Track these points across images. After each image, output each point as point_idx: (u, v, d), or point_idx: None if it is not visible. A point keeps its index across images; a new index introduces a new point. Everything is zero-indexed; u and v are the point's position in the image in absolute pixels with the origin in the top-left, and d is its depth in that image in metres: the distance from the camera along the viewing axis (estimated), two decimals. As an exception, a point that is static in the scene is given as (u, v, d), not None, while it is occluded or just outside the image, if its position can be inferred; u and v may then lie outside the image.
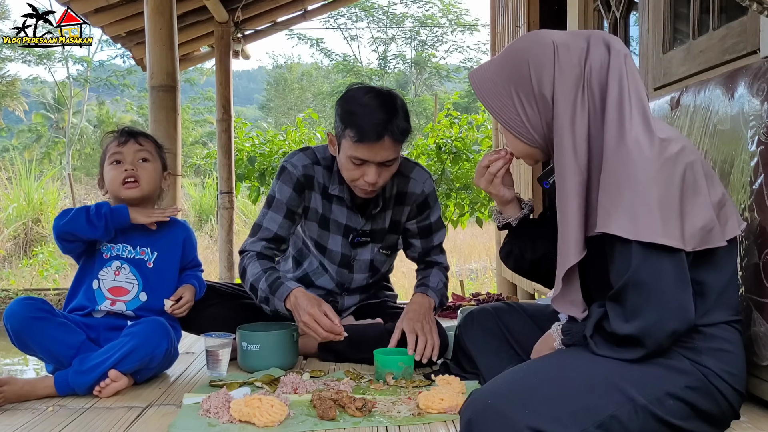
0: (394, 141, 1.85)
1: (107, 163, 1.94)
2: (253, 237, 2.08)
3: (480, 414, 1.15)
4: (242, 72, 50.93)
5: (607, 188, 1.20)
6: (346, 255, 2.14)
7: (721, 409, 1.22)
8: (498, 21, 4.69)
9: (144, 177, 1.93)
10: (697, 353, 1.22)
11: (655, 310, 1.16)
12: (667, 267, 1.16)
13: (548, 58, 1.28)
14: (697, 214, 1.19)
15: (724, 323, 1.25)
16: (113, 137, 1.97)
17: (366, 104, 1.85)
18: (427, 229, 2.16)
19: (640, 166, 1.17)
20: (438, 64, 22.62)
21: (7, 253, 8.83)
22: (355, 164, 1.88)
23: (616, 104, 1.23)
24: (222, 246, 5.68)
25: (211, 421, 1.49)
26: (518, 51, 1.32)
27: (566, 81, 1.27)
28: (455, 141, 6.18)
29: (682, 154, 1.20)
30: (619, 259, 1.20)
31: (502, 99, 1.34)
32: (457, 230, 7.08)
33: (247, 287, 2.04)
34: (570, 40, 1.30)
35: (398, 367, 1.80)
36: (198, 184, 13.88)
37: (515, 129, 1.34)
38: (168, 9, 3.40)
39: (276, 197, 2.06)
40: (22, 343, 1.78)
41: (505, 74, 1.33)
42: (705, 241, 1.20)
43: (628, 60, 1.28)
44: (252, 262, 2.03)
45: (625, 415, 1.15)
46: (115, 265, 1.91)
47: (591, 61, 1.26)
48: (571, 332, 1.34)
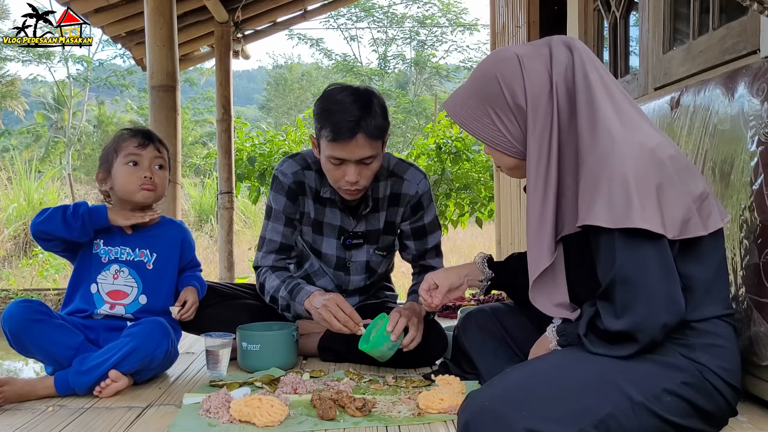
0: (369, 138, 1.83)
1: (122, 162, 1.90)
2: (262, 251, 2.12)
3: (477, 416, 1.15)
4: (242, 72, 50.95)
5: (586, 183, 1.22)
6: (341, 257, 2.14)
7: (717, 405, 1.22)
8: (498, 21, 4.69)
9: (159, 183, 1.93)
10: (690, 350, 1.22)
11: (645, 304, 1.16)
12: (651, 259, 1.16)
13: (515, 70, 1.32)
14: (675, 203, 1.20)
15: (715, 318, 1.25)
16: (129, 135, 1.93)
17: (340, 101, 1.84)
18: (420, 231, 2.15)
19: (616, 157, 1.18)
20: (438, 64, 22.63)
21: (7, 253, 8.83)
22: (334, 164, 1.88)
23: (585, 101, 1.26)
24: (222, 246, 5.68)
25: (211, 421, 1.49)
26: (485, 71, 1.36)
27: (536, 87, 1.30)
28: (455, 141, 6.19)
29: (660, 147, 1.21)
30: (603, 255, 1.21)
31: (481, 120, 1.37)
32: (457, 230, 7.08)
33: (267, 299, 2.08)
34: (531, 50, 1.34)
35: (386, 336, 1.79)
36: (198, 184, 13.88)
37: (500, 145, 1.37)
38: (168, 9, 3.40)
39: (273, 207, 2.08)
40: (21, 346, 1.77)
41: (477, 96, 1.36)
42: (685, 230, 1.21)
43: (591, 57, 1.31)
44: (268, 277, 2.07)
45: (623, 414, 1.15)
46: (113, 269, 1.90)
47: (555, 64, 1.30)
48: (566, 333, 1.35)
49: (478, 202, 6.31)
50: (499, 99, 1.33)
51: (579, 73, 1.28)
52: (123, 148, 1.91)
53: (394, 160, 2.13)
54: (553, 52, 1.31)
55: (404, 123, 20.04)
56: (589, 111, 1.25)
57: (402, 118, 19.91)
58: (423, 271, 2.17)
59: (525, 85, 1.31)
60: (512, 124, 1.34)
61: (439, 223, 2.22)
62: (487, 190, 6.23)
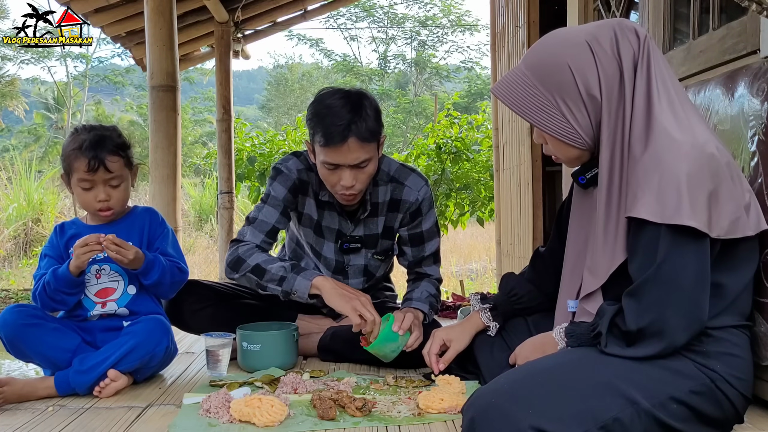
0: (361, 141, 1.81)
1: (76, 182, 1.82)
2: (251, 227, 2.01)
3: (483, 413, 1.15)
4: (242, 72, 50.97)
5: (635, 176, 1.19)
6: (339, 261, 2.13)
7: (725, 413, 1.22)
8: (498, 21, 4.69)
9: (116, 198, 1.85)
10: (705, 357, 1.21)
11: (671, 307, 1.15)
12: (690, 262, 1.15)
13: (587, 57, 1.25)
14: (725, 210, 1.18)
15: (732, 327, 1.25)
16: (79, 154, 1.79)
17: (330, 106, 1.82)
18: (418, 237, 2.11)
19: (672, 156, 1.16)
20: (438, 65, 22.62)
21: (7, 253, 8.83)
22: (329, 169, 1.86)
23: (645, 93, 1.22)
24: (222, 246, 5.68)
25: (211, 421, 1.49)
26: (552, 57, 1.27)
27: (609, 76, 1.25)
28: (455, 141, 6.19)
29: (719, 152, 1.19)
30: (643, 250, 1.19)
31: (548, 110, 1.29)
32: (457, 230, 7.08)
33: (241, 273, 1.95)
34: (597, 32, 1.27)
35: (395, 336, 1.79)
36: (198, 184, 13.87)
37: (566, 136, 1.30)
38: (168, 9, 3.40)
39: (272, 194, 2.03)
40: (18, 351, 1.77)
41: (544, 85, 1.28)
42: (733, 229, 1.18)
43: (655, 47, 1.27)
44: (255, 254, 1.97)
45: (628, 419, 1.14)
46: (93, 269, 1.86)
47: (623, 51, 1.25)
48: (575, 334, 1.33)
49: (478, 202, 6.31)
50: (570, 89, 1.26)
51: (642, 62, 1.24)
52: (75, 169, 1.81)
53: (396, 165, 2.09)
54: (619, 37, 1.25)
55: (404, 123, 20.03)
56: (647, 102, 1.22)
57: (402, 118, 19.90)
58: (418, 278, 2.14)
59: (599, 75, 1.24)
60: (582, 115, 1.28)
61: (439, 229, 2.17)
62: (487, 190, 6.23)
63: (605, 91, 1.25)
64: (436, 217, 2.14)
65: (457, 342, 1.71)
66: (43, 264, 1.86)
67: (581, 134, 1.29)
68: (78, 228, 1.90)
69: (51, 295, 1.78)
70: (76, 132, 1.86)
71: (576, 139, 1.30)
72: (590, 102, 1.26)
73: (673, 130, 1.19)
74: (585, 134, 1.30)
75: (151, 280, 1.84)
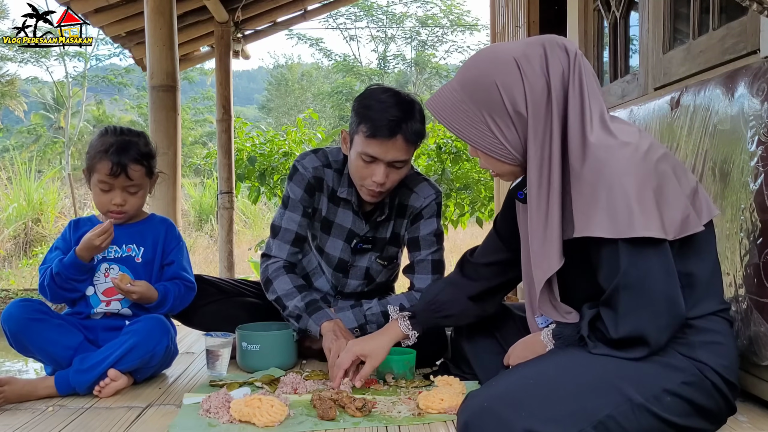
0: (407, 141, 1.84)
1: (95, 181, 1.84)
2: (276, 239, 2.06)
3: (477, 416, 1.16)
4: (242, 72, 50.99)
5: (581, 192, 1.20)
6: (344, 260, 2.13)
7: (717, 403, 1.23)
8: (498, 21, 4.69)
9: (131, 204, 1.87)
10: (691, 348, 1.22)
11: (647, 310, 1.17)
12: (654, 265, 1.17)
13: (515, 76, 1.26)
14: (673, 203, 1.20)
15: (712, 314, 1.26)
16: (104, 156, 1.81)
17: (383, 101, 1.84)
18: (413, 242, 2.07)
19: (612, 165, 1.17)
20: (438, 65, 22.62)
21: (7, 253, 8.83)
22: (365, 161, 1.87)
23: (578, 109, 1.23)
24: (222, 246, 5.68)
25: (211, 421, 1.49)
26: (480, 75, 1.28)
27: (536, 93, 1.25)
28: (455, 141, 6.18)
29: (651, 150, 1.21)
30: (606, 262, 1.20)
31: (477, 126, 1.30)
32: (458, 230, 7.08)
33: (271, 298, 2.03)
34: (526, 50, 1.27)
35: (404, 366, 1.80)
36: (198, 184, 13.89)
37: (495, 152, 1.32)
38: (168, 9, 3.40)
39: (290, 197, 2.06)
40: (20, 345, 1.77)
41: (473, 101, 1.29)
42: (684, 228, 1.21)
43: (585, 61, 1.28)
44: (281, 276, 2.01)
45: (622, 415, 1.15)
46: (103, 268, 1.88)
47: (552, 68, 1.25)
48: (563, 336, 1.35)
49: (478, 202, 6.31)
50: (497, 106, 1.27)
51: (574, 78, 1.25)
52: (97, 170, 1.83)
53: (411, 172, 2.06)
54: (548, 54, 1.26)
55: (404, 123, 20.00)
56: (581, 117, 1.23)
57: (402, 118, 19.86)
58: (410, 287, 2.08)
59: (525, 92, 1.25)
60: (510, 131, 1.29)
61: (440, 241, 2.08)
62: (487, 190, 6.23)
63: (531, 109, 1.25)
64: (439, 227, 2.08)
65: (374, 358, 1.68)
66: (51, 256, 1.88)
67: (510, 150, 1.30)
68: (93, 226, 1.90)
69: (61, 284, 1.80)
70: (105, 132, 1.88)
71: (506, 155, 1.31)
72: (518, 119, 1.27)
73: (609, 141, 1.20)
74: (515, 150, 1.30)
75: (164, 311, 1.90)
